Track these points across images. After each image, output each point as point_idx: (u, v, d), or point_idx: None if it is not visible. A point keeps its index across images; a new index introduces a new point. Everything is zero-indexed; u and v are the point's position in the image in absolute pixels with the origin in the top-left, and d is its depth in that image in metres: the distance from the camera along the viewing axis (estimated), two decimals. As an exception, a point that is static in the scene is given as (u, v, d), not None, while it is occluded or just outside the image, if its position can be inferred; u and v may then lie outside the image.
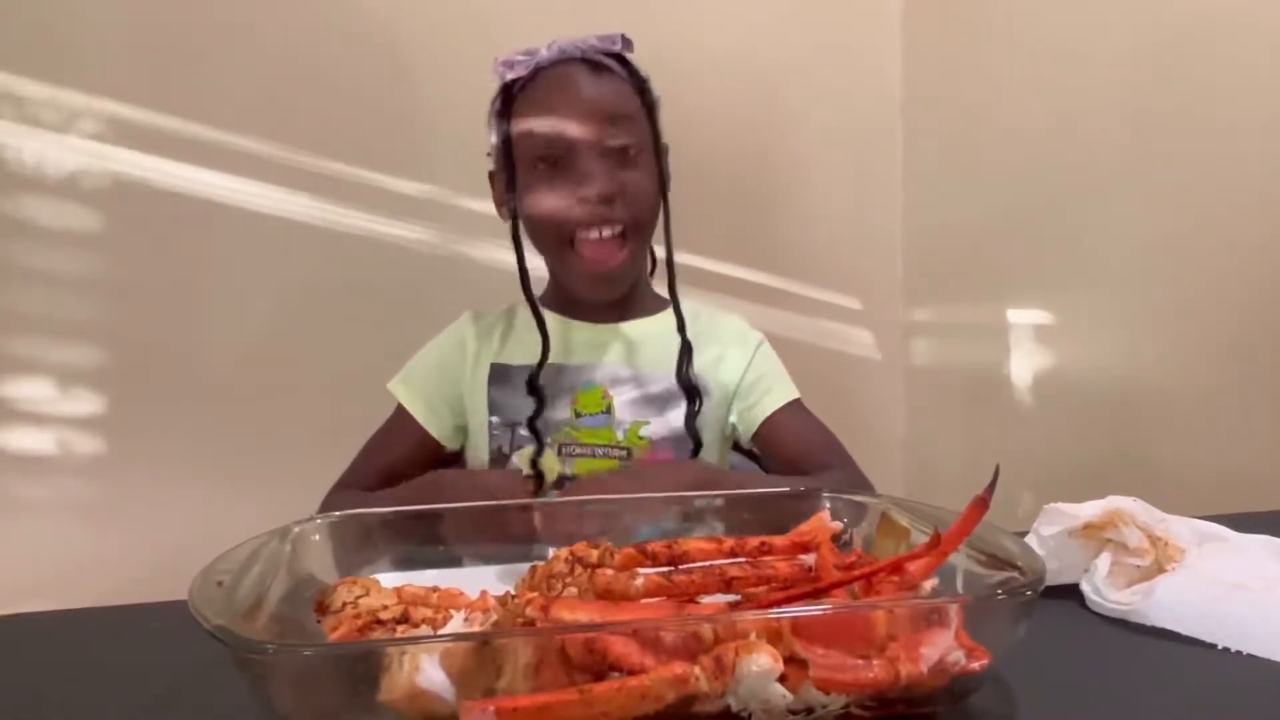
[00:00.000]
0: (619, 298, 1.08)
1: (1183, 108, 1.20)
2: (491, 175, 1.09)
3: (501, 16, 1.42)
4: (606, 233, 1.00)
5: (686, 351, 1.04)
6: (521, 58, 1.00)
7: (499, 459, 1.03)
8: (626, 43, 1.02)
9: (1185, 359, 1.21)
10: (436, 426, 1.06)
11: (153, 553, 1.27)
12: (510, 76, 1.01)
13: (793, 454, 1.03)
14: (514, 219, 1.03)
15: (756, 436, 1.07)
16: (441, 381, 1.07)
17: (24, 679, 0.55)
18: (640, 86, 1.03)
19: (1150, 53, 1.25)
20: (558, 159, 0.99)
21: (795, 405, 1.08)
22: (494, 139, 1.05)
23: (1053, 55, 1.42)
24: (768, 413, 1.06)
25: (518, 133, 1.00)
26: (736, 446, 1.13)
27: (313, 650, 0.43)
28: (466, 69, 1.43)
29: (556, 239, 1.02)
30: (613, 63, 1.02)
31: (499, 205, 1.08)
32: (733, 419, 1.08)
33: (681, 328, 1.04)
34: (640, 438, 1.02)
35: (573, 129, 0.97)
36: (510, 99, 1.02)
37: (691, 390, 1.03)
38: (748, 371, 1.08)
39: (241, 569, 0.49)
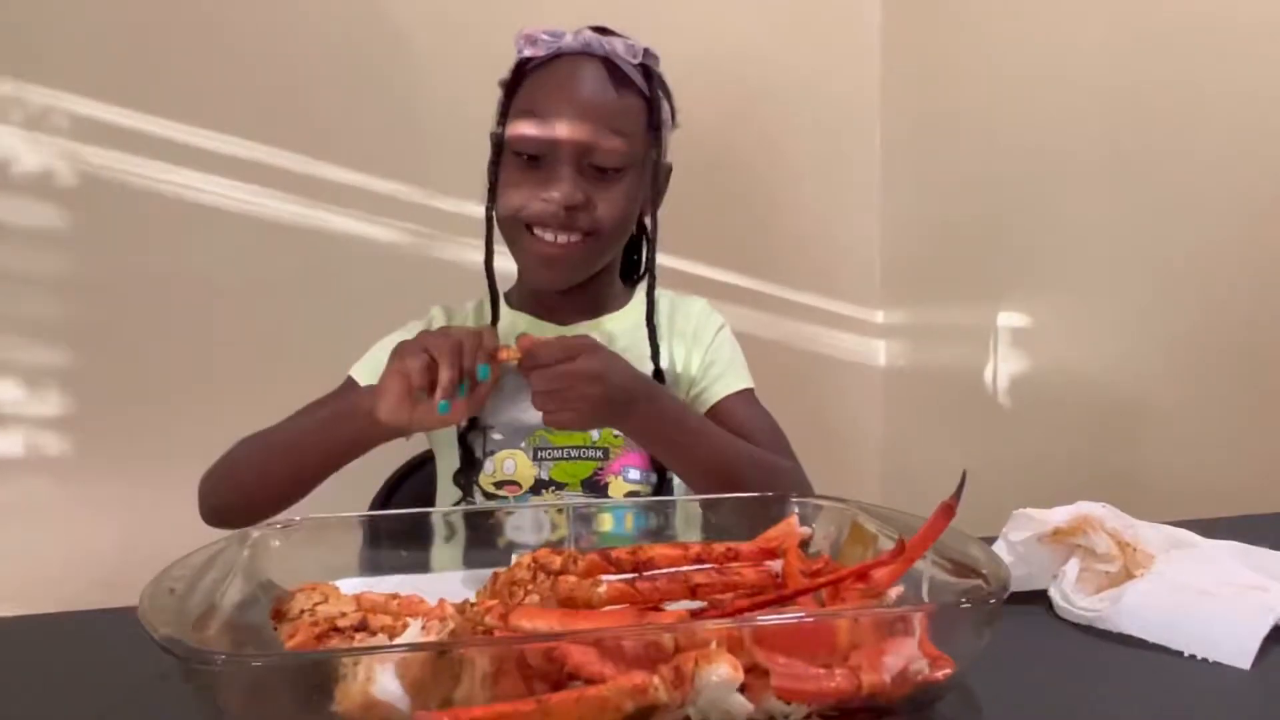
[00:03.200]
0: (586, 295, 1.07)
1: (1162, 111, 1.21)
2: (492, 136, 1.05)
3: (481, 14, 1.41)
4: (563, 238, 0.98)
5: (658, 377, 1.03)
6: (545, 37, 0.98)
7: (471, 463, 1.02)
8: (650, 57, 1.00)
9: (1159, 365, 1.22)
10: None
11: (120, 556, 1.25)
12: (527, 53, 0.98)
13: None
14: (491, 192, 1.02)
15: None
16: None
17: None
18: (653, 103, 1.01)
19: (1129, 55, 1.25)
20: (539, 155, 0.98)
21: (746, 395, 1.06)
22: (498, 108, 1.02)
23: (1029, 59, 1.42)
24: (717, 398, 1.04)
25: (514, 115, 0.98)
26: None
27: (262, 660, 0.42)
28: (445, 66, 1.43)
29: (515, 227, 1.00)
30: (635, 72, 0.99)
31: (489, 169, 1.06)
32: (687, 401, 1.07)
33: (655, 355, 1.03)
34: (616, 436, 1.01)
35: (561, 131, 0.95)
36: (521, 76, 1.00)
37: None
38: (705, 354, 1.07)
39: (196, 575, 0.48)
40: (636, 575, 0.52)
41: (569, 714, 0.40)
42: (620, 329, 1.07)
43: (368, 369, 1.03)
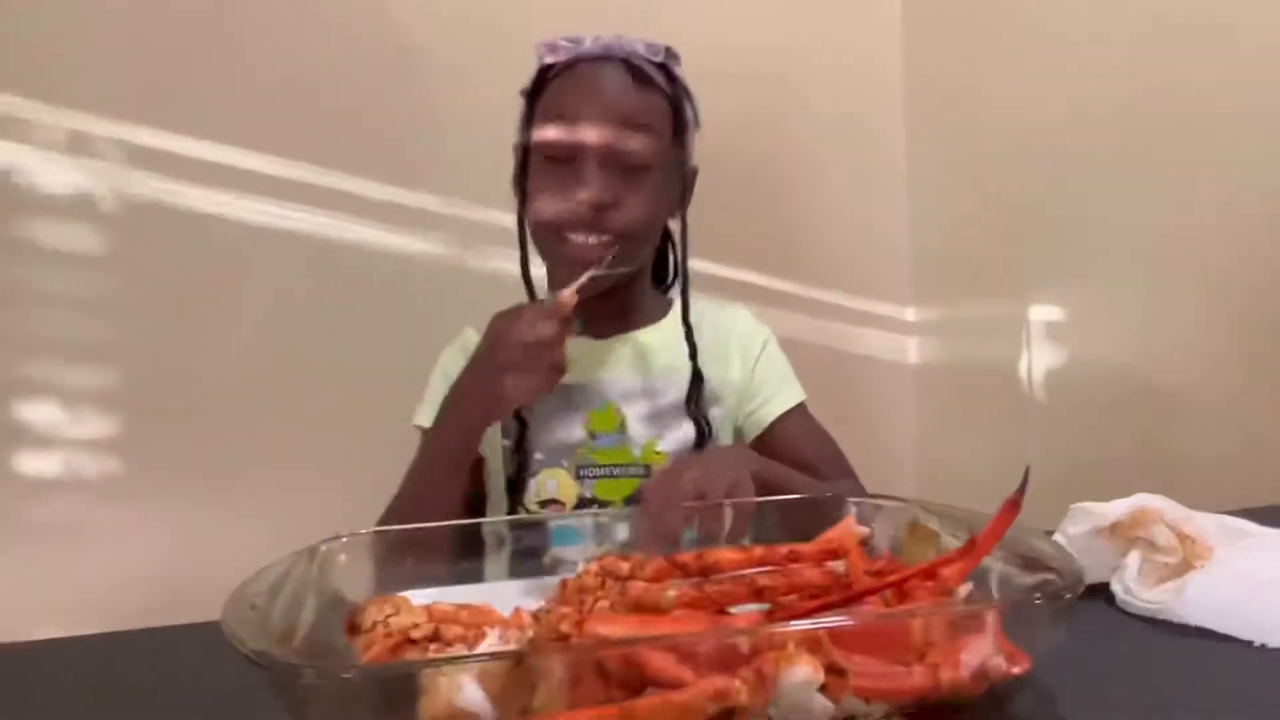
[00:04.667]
0: (619, 304, 1.06)
1: (1192, 97, 1.20)
2: (516, 148, 1.06)
3: (508, 21, 1.41)
4: (593, 239, 0.97)
5: (697, 380, 1.03)
6: (565, 44, 0.98)
7: (515, 485, 1.02)
8: (672, 55, 1.00)
9: (1201, 351, 1.21)
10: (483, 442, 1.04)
11: (167, 575, 1.27)
12: (549, 60, 0.99)
13: (796, 462, 0.99)
14: (521, 201, 1.02)
15: (760, 440, 1.05)
16: None
17: (34, 706, 0.55)
18: (677, 103, 1.01)
19: (1156, 43, 1.24)
20: (566, 157, 0.98)
21: (800, 410, 1.06)
22: (520, 117, 1.03)
23: (1055, 48, 1.41)
24: (773, 416, 1.05)
25: (538, 120, 0.99)
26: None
27: (354, 673, 0.43)
28: (475, 78, 1.44)
29: (546, 232, 1.00)
30: (656, 73, 0.99)
31: (515, 179, 1.06)
32: (738, 420, 1.07)
33: (693, 354, 1.03)
34: (657, 453, 1.01)
35: (586, 133, 0.95)
36: (544, 83, 1.00)
37: (700, 421, 1.02)
38: (755, 371, 1.07)
39: (272, 591, 0.49)
40: (703, 579, 0.53)
41: (651, 718, 0.40)
42: (657, 341, 1.07)
43: (431, 410, 1.02)
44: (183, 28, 1.35)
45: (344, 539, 0.59)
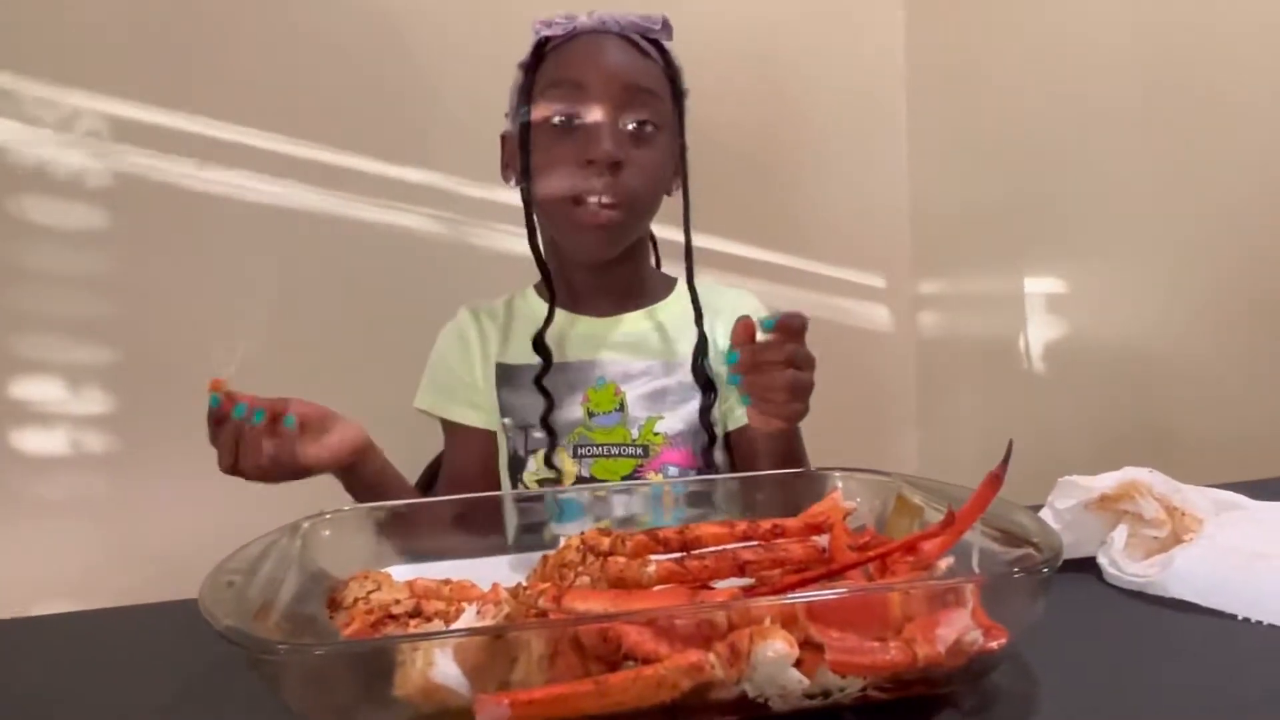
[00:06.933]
0: (622, 282, 1.06)
1: (1193, 74, 1.19)
2: (504, 137, 1.06)
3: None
4: (606, 199, 0.96)
5: (702, 345, 1.02)
6: (560, 20, 1.00)
7: (516, 462, 1.02)
8: (666, 27, 1.01)
9: (1199, 325, 1.20)
10: (486, 419, 1.05)
11: (166, 551, 1.27)
12: (545, 34, 1.00)
13: (748, 465, 1.01)
14: (525, 179, 1.01)
15: (730, 435, 1.04)
16: (461, 378, 1.06)
17: (40, 682, 0.55)
18: (672, 74, 1.02)
19: (1159, 19, 1.23)
20: (573, 120, 0.97)
21: None
22: (515, 96, 1.03)
23: (1058, 24, 1.40)
24: (742, 422, 1.02)
25: (540, 90, 0.98)
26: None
27: (325, 649, 0.43)
28: (471, 56, 1.43)
29: (557, 202, 0.99)
30: (649, 46, 1.01)
31: (505, 167, 1.06)
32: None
33: (699, 319, 1.02)
34: (655, 434, 1.00)
35: (594, 94, 0.96)
36: (541, 57, 1.00)
37: (708, 384, 1.01)
38: None
39: (252, 567, 0.49)
40: (685, 554, 0.52)
41: (626, 693, 0.40)
42: (658, 321, 1.06)
43: (429, 395, 1.07)
44: (180, 5, 1.34)
45: (327, 515, 0.59)
